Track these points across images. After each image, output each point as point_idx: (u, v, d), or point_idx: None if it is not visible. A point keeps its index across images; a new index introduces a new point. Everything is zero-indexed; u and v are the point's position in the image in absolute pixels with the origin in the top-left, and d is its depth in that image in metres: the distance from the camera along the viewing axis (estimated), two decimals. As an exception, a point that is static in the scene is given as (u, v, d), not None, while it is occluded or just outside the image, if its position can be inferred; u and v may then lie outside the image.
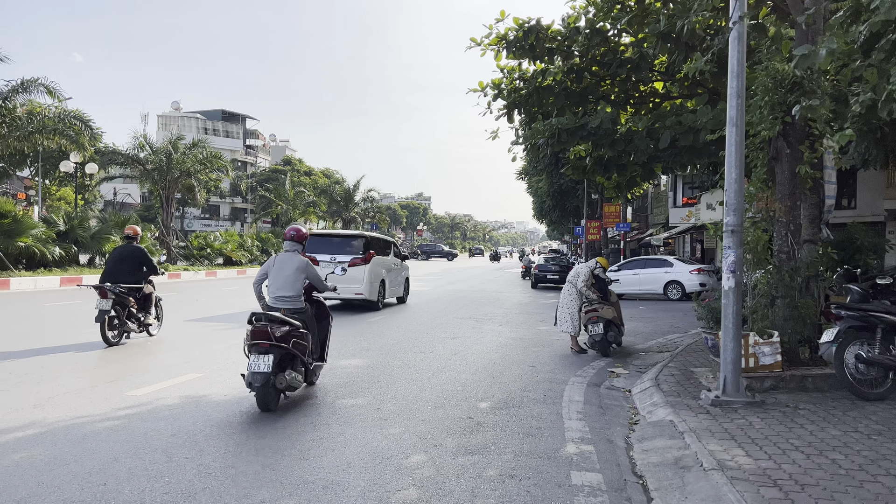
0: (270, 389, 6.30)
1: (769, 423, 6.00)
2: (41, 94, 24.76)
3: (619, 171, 14.04)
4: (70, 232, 26.22)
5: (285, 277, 7.07)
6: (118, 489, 4.26)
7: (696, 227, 31.33)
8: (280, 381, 6.36)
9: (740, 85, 6.75)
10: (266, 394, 6.30)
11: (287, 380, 6.41)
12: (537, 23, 11.68)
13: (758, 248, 7.74)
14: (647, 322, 15.86)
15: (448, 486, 4.54)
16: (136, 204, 69.94)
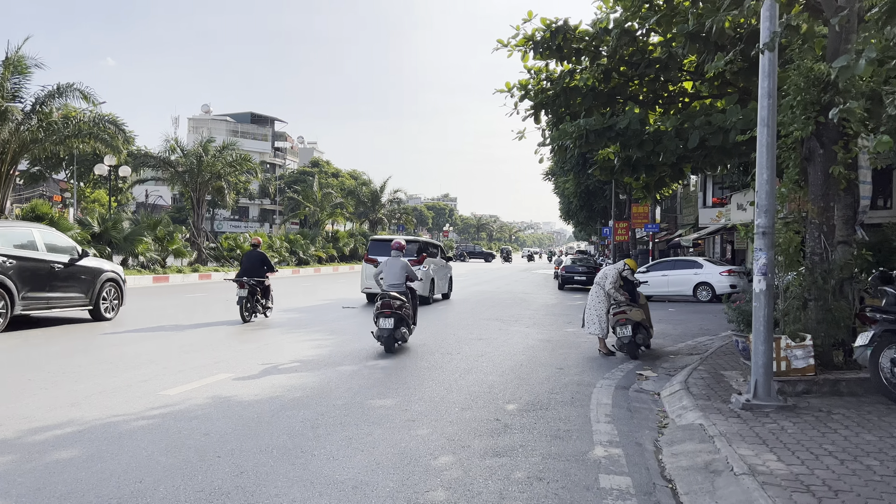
0: (391, 340, 10.17)
1: (802, 427, 5.92)
2: (76, 98, 25.26)
3: (647, 172, 13.93)
4: (104, 233, 26.73)
5: (394, 273, 11.04)
6: (154, 487, 4.36)
7: (726, 228, 30.93)
8: (398, 334, 10.29)
9: (771, 85, 6.66)
10: (389, 343, 10.18)
11: (402, 333, 10.41)
12: (565, 23, 11.65)
13: (790, 249, 7.64)
14: (676, 324, 15.71)
15: (476, 488, 4.56)
16: (167, 206, 71.09)
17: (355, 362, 9.36)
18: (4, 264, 11.39)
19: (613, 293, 10.83)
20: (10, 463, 4.76)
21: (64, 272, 12.64)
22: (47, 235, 12.89)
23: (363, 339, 11.83)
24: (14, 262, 11.59)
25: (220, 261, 35.92)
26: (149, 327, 12.65)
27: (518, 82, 12.79)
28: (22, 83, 24.32)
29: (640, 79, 12.57)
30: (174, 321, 13.72)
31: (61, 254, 12.79)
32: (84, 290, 13.10)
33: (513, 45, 12.11)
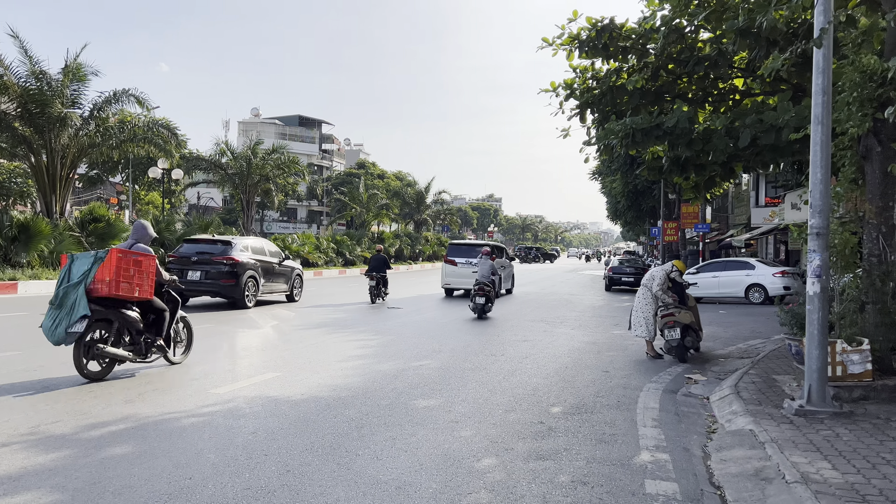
0: (483, 310, 15.77)
1: (858, 434, 5.72)
2: (131, 104, 26.11)
3: (696, 172, 13.66)
4: (158, 235, 27.50)
5: (485, 270, 16.88)
6: (203, 484, 4.46)
7: (779, 228, 30.10)
8: (486, 307, 15.85)
9: (826, 81, 6.46)
10: (481, 312, 15.74)
11: (488, 307, 15.95)
12: (611, 22, 11.52)
13: (846, 251, 7.39)
14: (726, 327, 15.36)
15: (519, 491, 4.53)
16: (218, 207, 72.77)
17: (399, 363, 9.42)
18: (256, 264, 17.06)
19: (661, 295, 10.65)
20: (67, 458, 4.94)
21: (278, 269, 18.41)
22: (268, 245, 19.03)
23: (407, 339, 11.91)
24: (258, 262, 17.27)
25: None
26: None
27: (563, 81, 12.69)
28: (80, 90, 25.25)
29: (688, 76, 12.34)
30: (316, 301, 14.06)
31: (275, 257, 18.61)
32: (285, 281, 18.87)
33: (558, 45, 12.02)
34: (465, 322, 15.11)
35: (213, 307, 16.63)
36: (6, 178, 39.77)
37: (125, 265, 7.66)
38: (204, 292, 16.61)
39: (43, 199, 25.37)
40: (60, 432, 5.58)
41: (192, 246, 17.27)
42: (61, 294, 7.37)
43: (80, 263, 7.62)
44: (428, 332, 12.99)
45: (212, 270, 16.31)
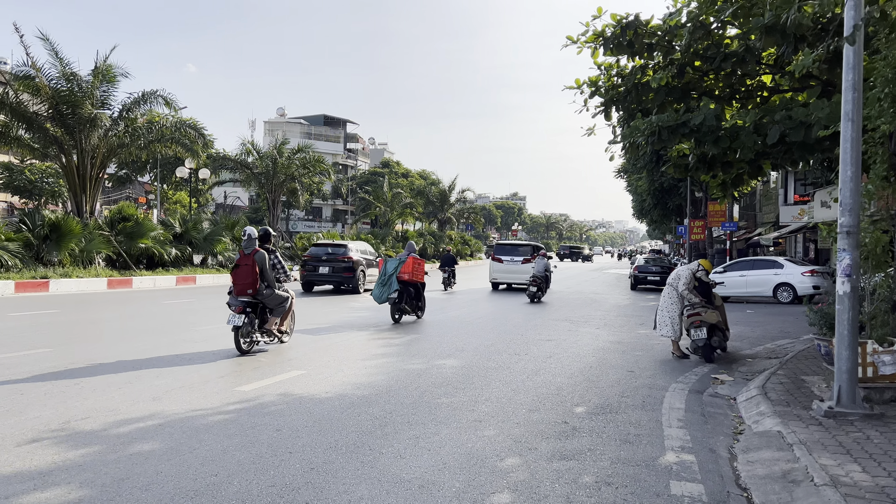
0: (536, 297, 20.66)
1: (889, 437, 5.60)
2: (159, 105, 26.50)
3: (723, 169, 13.47)
4: (185, 234, 27.88)
5: (539, 267, 21.51)
6: (228, 481, 4.51)
7: (808, 227, 29.59)
8: (539, 294, 20.76)
9: (857, 77, 6.33)
10: (534, 298, 20.67)
11: (539, 294, 20.79)
12: (636, 18, 11.40)
13: (877, 249, 7.23)
14: (754, 326, 15.15)
15: (542, 491, 4.52)
16: (244, 206, 73.51)
17: (423, 361, 9.44)
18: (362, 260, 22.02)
19: (687, 294, 10.54)
20: (96, 454, 5.02)
21: (374, 263, 23.40)
22: (368, 247, 25.46)
23: (431, 338, 11.93)
24: (364, 259, 22.76)
25: (294, 260, 36.86)
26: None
27: (588, 79, 12.59)
28: (110, 91, 25.68)
29: (715, 73, 12.17)
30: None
31: (372, 255, 24.60)
32: None
33: (582, 42, 11.93)
34: (488, 320, 15.09)
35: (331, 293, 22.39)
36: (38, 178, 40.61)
37: (415, 264, 14.44)
38: (331, 282, 22.40)
39: (73, 199, 25.85)
40: (90, 428, 5.68)
41: (319, 248, 23.36)
42: (385, 279, 13.98)
43: (391, 263, 14.31)
44: (452, 331, 13.00)
45: (336, 266, 22.05)
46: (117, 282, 22.09)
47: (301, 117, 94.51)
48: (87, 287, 20.95)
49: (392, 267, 14.08)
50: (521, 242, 27.97)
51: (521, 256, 25.90)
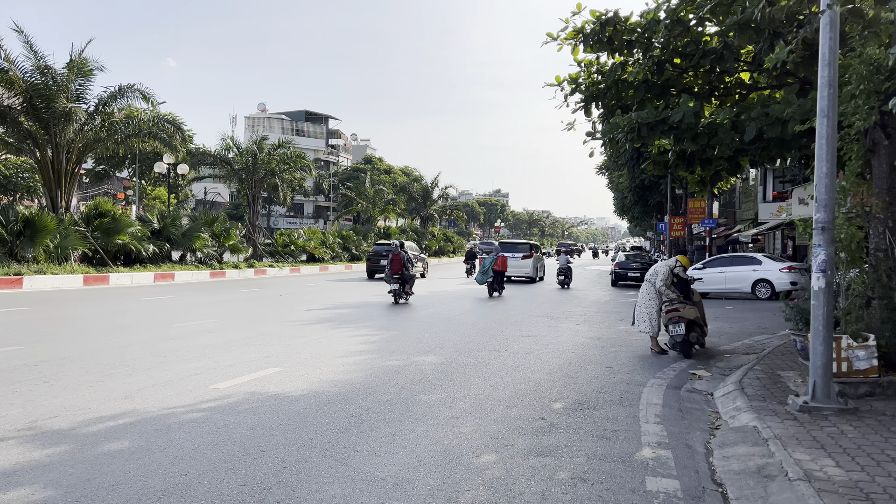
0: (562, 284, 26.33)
1: (863, 431, 5.64)
2: (137, 99, 26.13)
3: (702, 166, 13.56)
4: (163, 230, 27.57)
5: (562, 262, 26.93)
6: (198, 480, 4.43)
7: (787, 223, 29.90)
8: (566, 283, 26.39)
9: (832, 74, 6.36)
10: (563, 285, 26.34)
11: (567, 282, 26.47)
12: (615, 15, 11.40)
13: (852, 245, 7.29)
14: (732, 322, 15.26)
15: (518, 488, 4.48)
16: (225, 203, 72.90)
17: (402, 358, 9.38)
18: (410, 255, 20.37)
19: (664, 290, 10.57)
20: (63, 453, 4.92)
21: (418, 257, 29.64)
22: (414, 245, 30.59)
23: (411, 334, 11.88)
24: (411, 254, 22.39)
25: (274, 256, 36.62)
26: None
27: (568, 76, 12.59)
28: (85, 85, 25.27)
29: (694, 70, 12.21)
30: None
31: (415, 251, 29.66)
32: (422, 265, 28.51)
33: (562, 39, 11.92)
34: (469, 316, 15.07)
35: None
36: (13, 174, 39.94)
37: (502, 260, 21.35)
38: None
39: (48, 195, 25.44)
40: (58, 427, 5.56)
41: (380, 247, 31.19)
42: (485, 269, 20.88)
43: (488, 260, 21.13)
44: (432, 328, 12.95)
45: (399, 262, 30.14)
46: (93, 279, 21.79)
47: (282, 113, 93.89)
48: (63, 284, 20.65)
49: (489, 262, 21.33)
50: (520, 241, 32.17)
51: (520, 253, 30.00)
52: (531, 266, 29.94)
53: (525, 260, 29.62)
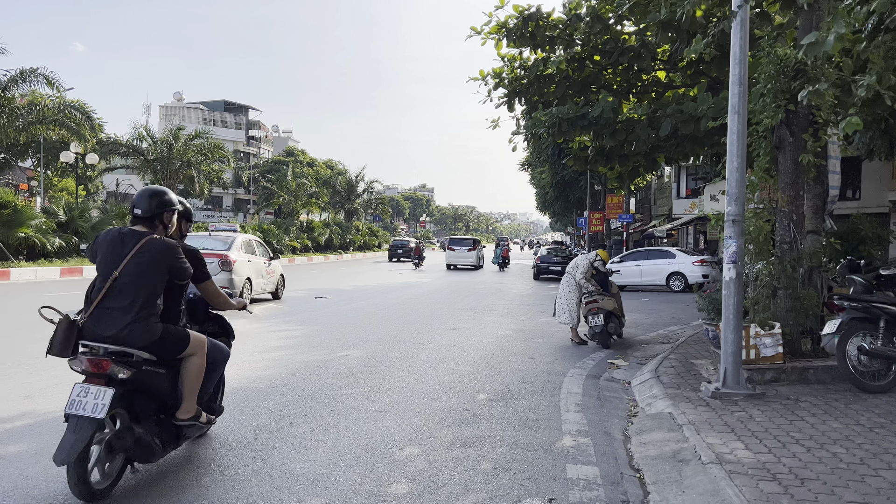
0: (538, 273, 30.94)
1: (770, 415, 5.91)
2: (41, 84, 24.68)
3: (620, 162, 13.90)
4: (70, 223, 26.18)
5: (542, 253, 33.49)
6: (104, 482, 4.18)
7: (699, 219, 31.16)
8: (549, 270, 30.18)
9: (742, 72, 6.61)
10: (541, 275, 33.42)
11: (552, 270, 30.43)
12: (537, 10, 11.52)
13: (760, 238, 7.62)
14: (648, 313, 15.76)
15: (440, 480, 4.45)
16: (138, 195, 69.87)
17: (324, 353, 9.21)
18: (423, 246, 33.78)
19: (584, 283, 10.80)
20: (-47, 458, 4.56)
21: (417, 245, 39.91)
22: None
23: (335, 329, 11.69)
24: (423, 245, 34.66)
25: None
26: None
27: (492, 70, 12.65)
28: (-19, 67, 23.61)
29: (613, 67, 12.50)
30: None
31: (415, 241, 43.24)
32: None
33: (486, 33, 11.95)
34: (394, 311, 14.97)
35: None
36: None
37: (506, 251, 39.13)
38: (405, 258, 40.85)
39: (-59, 184, 23.72)
40: (-52, 432, 5.16)
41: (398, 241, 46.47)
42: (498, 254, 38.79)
43: (499, 249, 39.03)
44: (356, 322, 12.79)
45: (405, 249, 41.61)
46: (-7, 274, 20.46)
47: (200, 102, 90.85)
48: (-42, 279, 19.30)
49: (500, 251, 37.51)
50: (466, 238, 40.43)
51: (467, 246, 37.83)
52: (475, 256, 37.72)
53: (471, 252, 37.35)
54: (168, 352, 4.16)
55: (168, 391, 4.24)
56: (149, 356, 4.03)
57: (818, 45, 5.41)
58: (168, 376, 4.20)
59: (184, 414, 4.27)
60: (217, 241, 15.84)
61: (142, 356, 3.99)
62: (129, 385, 3.97)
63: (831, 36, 5.20)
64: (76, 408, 3.79)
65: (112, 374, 3.88)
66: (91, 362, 3.90)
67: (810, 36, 5.57)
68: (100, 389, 3.81)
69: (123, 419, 3.98)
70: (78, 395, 3.82)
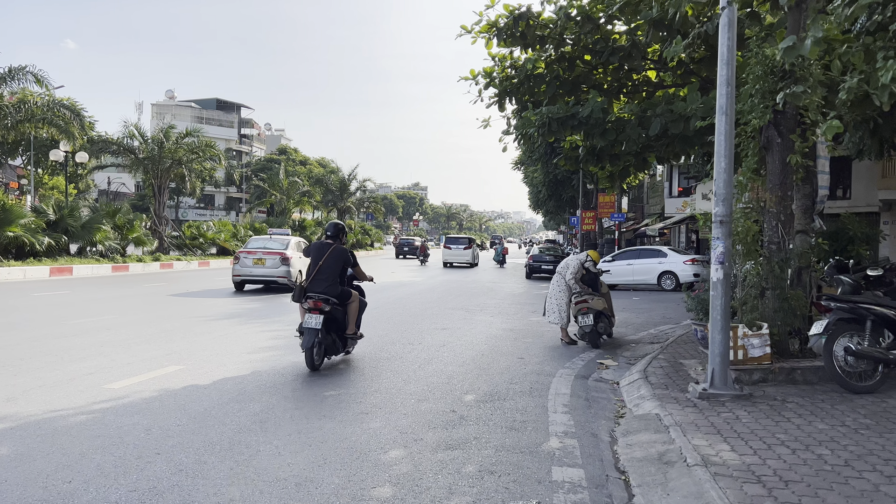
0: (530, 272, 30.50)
1: (756, 416, 5.90)
2: (29, 82, 24.50)
3: (611, 161, 13.91)
4: (60, 221, 25.98)
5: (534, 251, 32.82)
6: (83, 487, 4.14)
7: (691, 218, 31.21)
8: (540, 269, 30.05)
9: (730, 73, 6.60)
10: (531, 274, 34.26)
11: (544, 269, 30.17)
12: (527, 9, 11.50)
13: (748, 238, 7.62)
14: (639, 313, 15.77)
15: (425, 483, 4.43)
16: (130, 193, 69.62)
17: (313, 353, 9.15)
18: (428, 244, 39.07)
19: (573, 284, 10.79)
20: (-69, 463, 4.50)
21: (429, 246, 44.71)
22: (426, 239, 42.48)
23: (323, 329, 11.62)
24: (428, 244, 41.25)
25: (182, 249, 35.25)
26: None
27: (482, 70, 12.63)
28: (-30, 65, 23.42)
29: (603, 67, 12.50)
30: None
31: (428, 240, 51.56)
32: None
33: (476, 32, 11.93)
34: (385, 310, 14.92)
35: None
36: None
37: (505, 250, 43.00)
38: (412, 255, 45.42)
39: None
40: (-73, 435, 5.10)
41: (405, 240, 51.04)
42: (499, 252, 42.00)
43: (499, 248, 42.55)
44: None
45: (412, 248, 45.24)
46: (-19, 273, 20.30)
47: (192, 101, 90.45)
48: (-55, 279, 19.14)
49: (500, 250, 41.00)
50: (462, 237, 42.33)
51: (462, 245, 39.63)
52: (471, 254, 39.38)
53: (466, 250, 39.21)
54: (343, 299, 8.19)
55: (342, 319, 8.26)
56: (335, 301, 8.00)
57: (795, 49, 5.40)
58: (342, 311, 8.23)
59: (350, 331, 8.41)
60: (277, 243, 19.70)
61: (333, 301, 7.96)
62: (327, 314, 7.83)
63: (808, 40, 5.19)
64: (307, 323, 7.72)
65: (322, 309, 7.79)
66: (312, 303, 7.82)
67: (787, 40, 5.57)
68: (317, 316, 7.73)
69: (324, 331, 7.80)
70: (307, 319, 7.76)
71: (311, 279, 7.95)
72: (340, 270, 8.16)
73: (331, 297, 7.91)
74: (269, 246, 19.37)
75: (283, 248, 19.27)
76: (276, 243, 19.69)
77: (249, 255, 18.98)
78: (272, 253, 18.83)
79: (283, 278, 18.49)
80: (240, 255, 19.27)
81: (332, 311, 7.94)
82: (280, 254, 18.84)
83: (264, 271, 18.68)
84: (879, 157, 15.28)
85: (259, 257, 18.78)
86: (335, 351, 8.23)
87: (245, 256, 19.03)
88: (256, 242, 20.20)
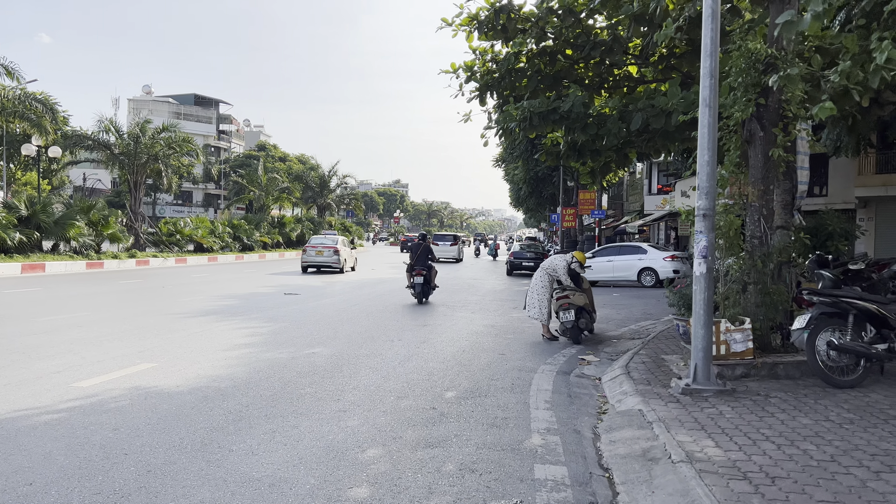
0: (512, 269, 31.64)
1: (740, 412, 5.83)
2: (0, 74, 23.92)
3: (592, 157, 13.83)
4: (32, 217, 25.44)
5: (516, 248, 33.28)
6: (45, 490, 3.95)
7: (670, 215, 31.37)
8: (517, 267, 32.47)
9: (713, 64, 6.53)
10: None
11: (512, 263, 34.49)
12: (509, 2, 11.39)
13: (730, 233, 7.56)
14: (619, 309, 15.75)
15: (403, 483, 4.29)
16: (106, 189, 68.55)
17: (290, 350, 8.99)
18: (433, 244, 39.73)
19: (566, 280, 10.72)
20: None
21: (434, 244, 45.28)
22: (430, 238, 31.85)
23: (303, 326, 11.45)
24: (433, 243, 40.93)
25: (159, 246, 34.73)
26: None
27: (463, 63, 12.48)
28: (-62, 56, 22.84)
29: (585, 62, 12.42)
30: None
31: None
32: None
33: (457, 25, 11.79)
34: (364, 307, 14.77)
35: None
36: None
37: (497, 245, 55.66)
38: None
39: None
40: None
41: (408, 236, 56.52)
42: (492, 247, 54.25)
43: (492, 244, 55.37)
44: (325, 319, 12.57)
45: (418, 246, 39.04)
46: (-51, 270, 19.81)
47: (170, 96, 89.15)
48: (-88, 276, 18.64)
49: (493, 245, 53.65)
50: (448, 234, 45.75)
51: (448, 242, 42.52)
52: (457, 250, 42.19)
53: (452, 246, 42.00)
54: (430, 270, 15.96)
55: (430, 280, 15.90)
56: (426, 271, 15.75)
57: (794, 24, 5.29)
58: (429, 275, 15.91)
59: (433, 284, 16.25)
60: (330, 240, 28.71)
61: (424, 272, 15.72)
62: (424, 276, 15.78)
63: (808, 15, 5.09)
64: (416, 281, 15.61)
65: (422, 273, 15.69)
66: (418, 271, 15.68)
67: (786, 14, 5.46)
68: (420, 277, 15.60)
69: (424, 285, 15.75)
70: (415, 279, 15.65)
71: (414, 261, 15.79)
72: (428, 256, 15.97)
73: (423, 269, 15.64)
74: (325, 242, 28.07)
75: (334, 243, 27.72)
76: (329, 240, 28.60)
77: (312, 249, 27.22)
78: (328, 247, 27.17)
79: (335, 265, 26.80)
80: (307, 248, 27.54)
81: (426, 274, 15.59)
82: (333, 248, 27.12)
83: (323, 259, 26.84)
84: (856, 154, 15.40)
85: (319, 250, 26.99)
86: (428, 293, 15.91)
87: (310, 249, 27.22)
88: (316, 240, 28.98)
